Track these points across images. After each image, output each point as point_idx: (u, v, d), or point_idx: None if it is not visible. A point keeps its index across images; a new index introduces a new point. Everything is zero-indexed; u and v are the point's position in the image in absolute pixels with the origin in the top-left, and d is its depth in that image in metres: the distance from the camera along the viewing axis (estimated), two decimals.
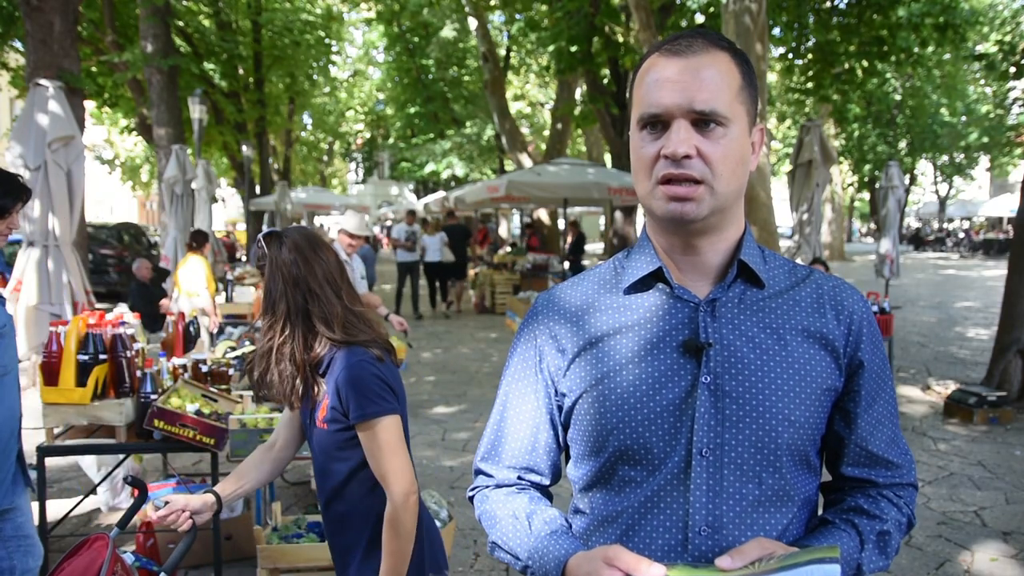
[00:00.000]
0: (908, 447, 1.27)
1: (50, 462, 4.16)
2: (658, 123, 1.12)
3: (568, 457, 1.31)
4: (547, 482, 1.31)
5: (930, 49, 14.85)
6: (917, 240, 38.47)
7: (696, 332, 1.16)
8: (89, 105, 17.75)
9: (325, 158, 42.90)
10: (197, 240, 7.84)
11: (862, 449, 1.21)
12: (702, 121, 1.10)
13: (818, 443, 1.20)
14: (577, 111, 18.11)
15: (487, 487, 1.31)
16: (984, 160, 37.59)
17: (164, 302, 8.57)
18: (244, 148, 20.95)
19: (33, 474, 3.77)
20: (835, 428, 1.22)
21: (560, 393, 1.24)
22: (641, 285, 1.21)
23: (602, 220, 26.16)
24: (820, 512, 1.26)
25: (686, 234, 1.16)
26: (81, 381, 3.14)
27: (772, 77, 21.12)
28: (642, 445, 1.14)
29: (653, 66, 1.14)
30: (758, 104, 1.20)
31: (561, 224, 19.32)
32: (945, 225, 42.22)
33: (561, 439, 1.29)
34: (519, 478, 1.29)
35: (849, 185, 37.89)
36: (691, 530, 1.12)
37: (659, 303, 1.19)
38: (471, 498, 1.35)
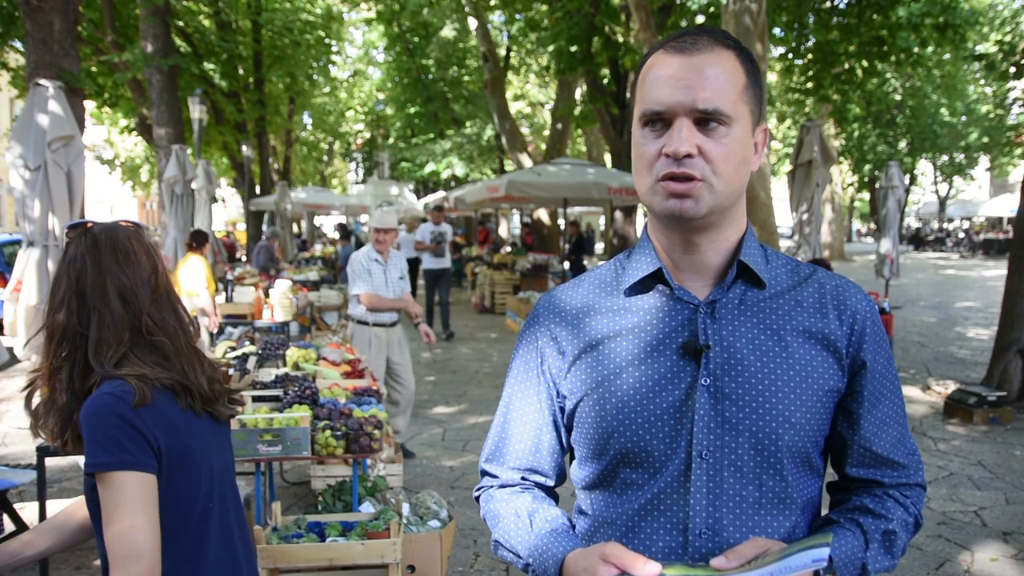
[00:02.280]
0: (916, 447, 1.25)
1: (50, 462, 4.16)
2: (660, 121, 1.11)
3: (572, 457, 1.31)
4: (551, 483, 1.31)
5: (930, 49, 14.84)
6: (917, 240, 38.48)
7: (695, 334, 1.15)
8: (89, 105, 17.73)
9: (325, 158, 42.88)
10: (197, 240, 7.84)
11: (866, 450, 1.20)
12: (704, 120, 1.09)
13: (821, 444, 1.19)
14: (577, 111, 18.10)
15: (491, 487, 1.32)
16: (984, 160, 37.57)
17: None
18: (244, 148, 20.94)
19: (33, 474, 3.77)
20: (839, 429, 1.21)
21: (561, 395, 1.24)
22: (641, 286, 1.20)
23: (602, 220, 26.15)
24: (825, 512, 1.25)
25: (686, 232, 1.15)
26: None
27: (772, 77, 21.10)
28: (643, 448, 1.14)
29: (657, 63, 1.13)
30: (763, 104, 1.19)
31: (562, 224, 19.36)
32: (945, 225, 42.21)
33: (564, 440, 1.29)
34: (523, 479, 1.30)
35: (849, 185, 37.86)
36: (691, 532, 1.12)
37: (659, 305, 1.19)
38: (477, 498, 1.36)
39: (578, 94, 19.99)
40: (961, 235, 36.33)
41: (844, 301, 1.19)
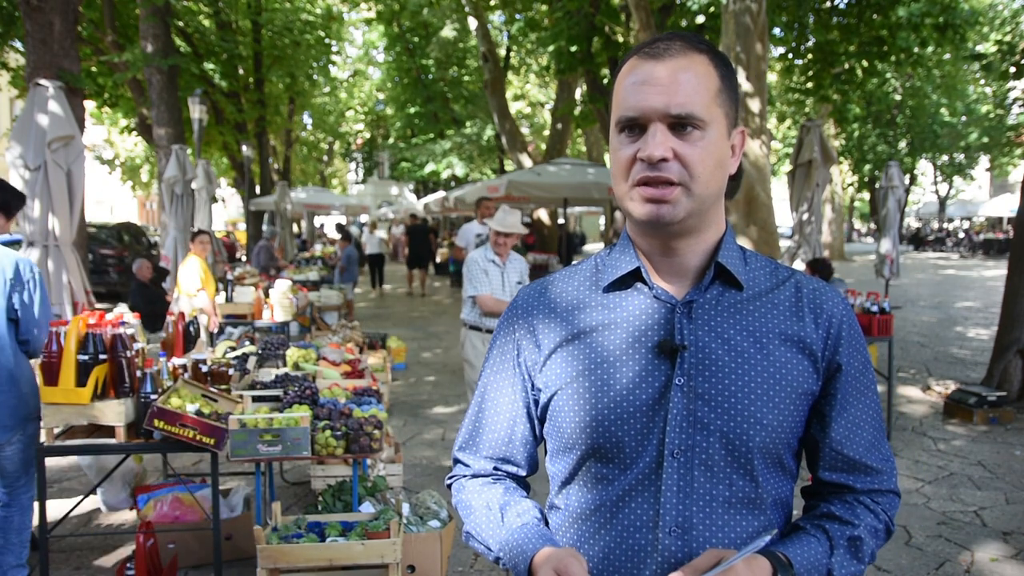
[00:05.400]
0: (891, 453, 1.26)
1: (50, 462, 4.16)
2: (635, 126, 1.13)
3: (547, 450, 1.33)
4: (523, 473, 1.33)
5: (930, 49, 14.84)
6: (917, 240, 38.46)
7: (671, 333, 1.16)
8: (89, 105, 17.73)
9: (325, 158, 42.88)
10: (192, 237, 7.89)
11: (838, 453, 1.21)
12: (679, 124, 1.10)
13: (794, 446, 1.20)
14: (577, 111, 18.12)
15: (464, 476, 1.35)
16: (984, 160, 37.57)
17: (170, 298, 8.56)
18: (244, 148, 20.95)
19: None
20: (811, 431, 1.22)
21: (536, 388, 1.26)
22: (620, 284, 1.22)
23: (602, 220, 26.13)
24: (797, 517, 1.26)
25: (664, 236, 1.17)
26: (81, 381, 3.14)
27: (772, 77, 21.10)
28: (614, 444, 1.15)
29: (631, 69, 1.15)
30: (738, 106, 1.21)
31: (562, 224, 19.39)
32: (945, 225, 42.20)
33: (538, 431, 1.31)
34: (495, 468, 1.32)
35: (849, 185, 37.88)
36: (661, 530, 1.13)
37: (637, 302, 1.20)
38: (449, 486, 1.38)
39: (578, 94, 19.99)
40: (961, 235, 36.28)
41: (821, 304, 1.20)
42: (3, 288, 3.28)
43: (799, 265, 8.34)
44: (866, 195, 42.21)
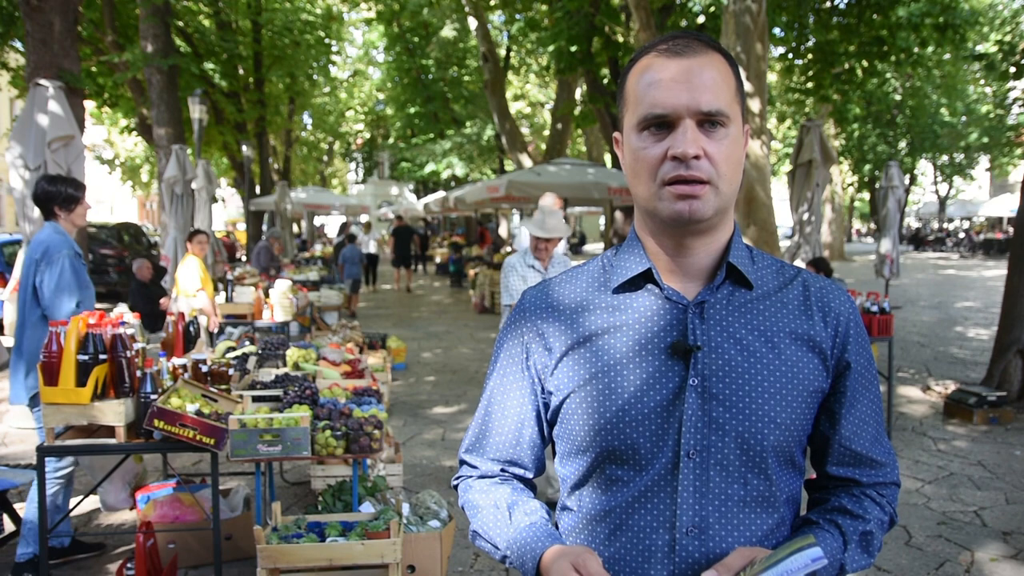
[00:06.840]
0: (891, 446, 1.29)
1: None
2: (663, 124, 1.11)
3: (554, 452, 1.33)
4: (530, 475, 1.34)
5: (930, 49, 14.86)
6: (917, 240, 38.47)
7: (684, 334, 1.16)
8: (89, 105, 17.74)
9: (325, 158, 42.88)
10: (189, 237, 7.90)
11: (846, 449, 1.23)
12: (708, 121, 1.10)
13: (804, 443, 1.22)
14: (577, 111, 18.13)
15: (470, 477, 1.35)
16: (984, 160, 37.57)
17: (164, 300, 8.57)
18: (244, 148, 20.95)
19: (33, 474, 3.77)
20: (820, 428, 1.23)
21: (547, 391, 1.25)
22: (630, 285, 1.21)
23: (602, 220, 26.14)
24: (804, 510, 1.28)
25: (684, 235, 1.16)
26: (81, 381, 3.14)
27: (772, 77, 21.11)
28: (629, 446, 1.15)
29: (651, 66, 1.13)
30: (746, 105, 1.22)
31: None
32: (945, 225, 42.21)
33: (546, 434, 1.31)
34: (502, 470, 1.32)
35: (849, 185, 37.87)
36: (678, 531, 1.13)
37: (648, 304, 1.20)
38: (455, 487, 1.38)
39: (578, 94, 20.00)
40: (961, 235, 36.31)
41: (828, 303, 1.22)
42: (31, 268, 3.80)
43: (799, 265, 8.34)
44: (866, 195, 42.21)
